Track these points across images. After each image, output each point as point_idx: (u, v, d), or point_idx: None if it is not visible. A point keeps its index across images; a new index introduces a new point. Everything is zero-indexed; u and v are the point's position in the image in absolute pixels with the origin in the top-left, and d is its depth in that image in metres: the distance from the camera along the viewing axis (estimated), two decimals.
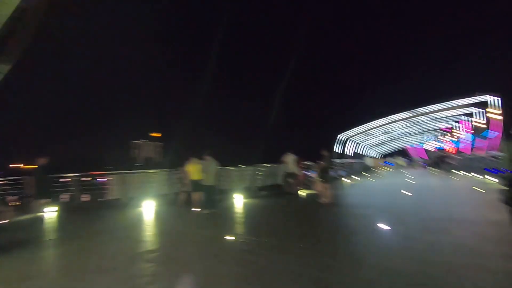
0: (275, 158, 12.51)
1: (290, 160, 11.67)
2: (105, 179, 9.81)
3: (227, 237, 4.78)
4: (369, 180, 17.18)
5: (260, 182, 12.27)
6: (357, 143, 25.07)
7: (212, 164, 7.94)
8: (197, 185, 8.46)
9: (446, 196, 8.78)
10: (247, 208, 8.28)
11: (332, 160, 14.64)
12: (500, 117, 14.90)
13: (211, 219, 6.84)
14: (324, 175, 8.15)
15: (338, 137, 20.37)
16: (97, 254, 4.31)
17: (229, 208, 8.37)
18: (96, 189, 9.91)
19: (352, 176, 20.19)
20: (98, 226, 6.33)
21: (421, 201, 7.94)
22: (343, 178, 17.49)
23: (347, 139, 22.05)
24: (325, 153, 8.24)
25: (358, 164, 22.56)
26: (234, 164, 12.67)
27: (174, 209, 8.68)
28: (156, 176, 10.45)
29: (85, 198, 9.39)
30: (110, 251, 4.41)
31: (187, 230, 5.70)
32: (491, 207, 6.53)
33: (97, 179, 10.18)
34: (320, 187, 8.60)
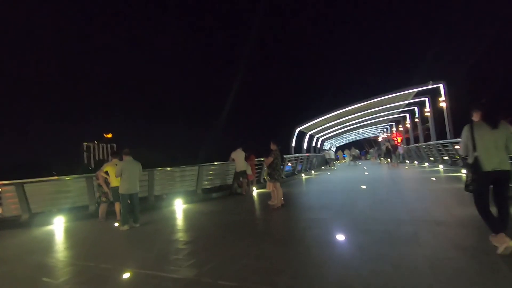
0: (225, 155, 11.11)
1: (239, 157, 10.38)
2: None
3: (127, 273, 3.28)
4: (326, 174, 16.65)
5: (207, 184, 10.79)
6: (314, 136, 24.71)
7: (132, 166, 6.26)
8: (118, 193, 6.75)
9: (404, 189, 8.18)
10: (181, 218, 6.79)
11: (283, 154, 13.76)
12: (445, 105, 15.18)
13: (126, 239, 5.22)
14: (272, 172, 6.95)
15: (295, 130, 19.55)
16: None
17: (159, 219, 6.80)
18: None
19: (309, 170, 19.67)
20: None
21: (379, 198, 7.14)
22: (299, 173, 16.77)
23: (304, 132, 21.42)
24: (273, 146, 7.02)
25: (315, 158, 22.14)
26: (176, 163, 11.01)
27: (89, 226, 6.87)
28: (74, 183, 8.39)
29: None
30: None
31: (79, 262, 4.03)
32: (455, 200, 5.89)
33: None
34: (269, 186, 7.42)
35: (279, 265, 3.27)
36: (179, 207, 8.38)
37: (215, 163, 11.48)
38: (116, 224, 6.38)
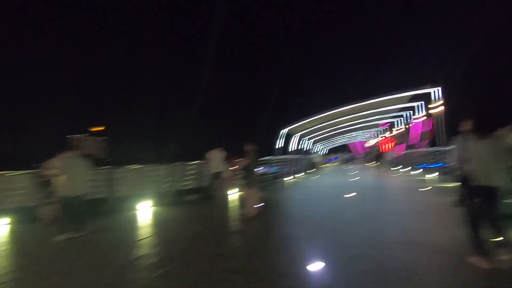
0: (203, 154, 10.16)
1: (215, 157, 9.44)
2: None
3: None
4: (312, 178, 15.83)
5: (180, 185, 9.79)
6: (301, 138, 23.93)
7: (77, 163, 5.23)
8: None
9: (394, 201, 7.37)
10: (138, 226, 5.79)
11: (262, 157, 12.82)
12: (441, 109, 14.47)
13: (50, 257, 4.17)
14: (247, 176, 6.02)
15: (280, 131, 18.68)
16: None
17: (110, 227, 5.78)
18: None
19: (295, 173, 18.81)
20: None
21: (367, 210, 6.28)
22: (283, 177, 15.88)
23: (290, 133, 20.58)
24: (249, 147, 6.09)
25: (301, 160, 21.32)
26: (148, 161, 10.00)
27: (26, 231, 5.83)
28: (21, 180, 7.29)
29: None
30: None
31: None
32: (454, 217, 5.06)
33: None
34: (244, 192, 6.48)
35: None
36: (143, 210, 7.39)
37: (193, 162, 10.54)
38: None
